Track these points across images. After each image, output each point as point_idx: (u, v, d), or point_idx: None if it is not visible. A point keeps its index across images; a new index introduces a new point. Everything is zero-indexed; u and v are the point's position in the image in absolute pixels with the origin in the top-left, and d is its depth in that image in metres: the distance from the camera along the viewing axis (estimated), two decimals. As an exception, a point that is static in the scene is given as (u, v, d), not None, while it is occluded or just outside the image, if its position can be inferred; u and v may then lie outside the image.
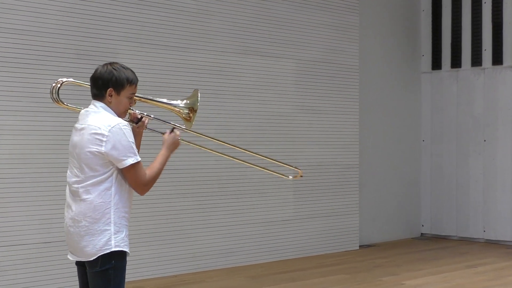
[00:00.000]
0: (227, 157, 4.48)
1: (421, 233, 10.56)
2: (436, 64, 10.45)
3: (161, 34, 7.41)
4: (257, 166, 4.75)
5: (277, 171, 4.79)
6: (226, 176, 7.96)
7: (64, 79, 3.82)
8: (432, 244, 9.86)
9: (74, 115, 3.79)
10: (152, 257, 7.34)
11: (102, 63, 5.16)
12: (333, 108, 9.04)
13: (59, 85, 3.77)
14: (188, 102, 3.92)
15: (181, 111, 3.91)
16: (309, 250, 8.77)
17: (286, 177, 4.72)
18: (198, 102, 3.91)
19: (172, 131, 3.82)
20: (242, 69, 8.11)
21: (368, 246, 9.61)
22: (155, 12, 7.37)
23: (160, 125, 3.99)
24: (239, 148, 4.59)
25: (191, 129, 3.96)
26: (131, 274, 7.03)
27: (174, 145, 3.81)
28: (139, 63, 7.16)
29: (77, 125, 3.66)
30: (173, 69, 7.48)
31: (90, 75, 3.73)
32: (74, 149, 3.62)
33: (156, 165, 3.69)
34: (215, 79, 7.85)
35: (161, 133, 3.83)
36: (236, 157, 4.63)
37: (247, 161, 4.60)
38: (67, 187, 3.67)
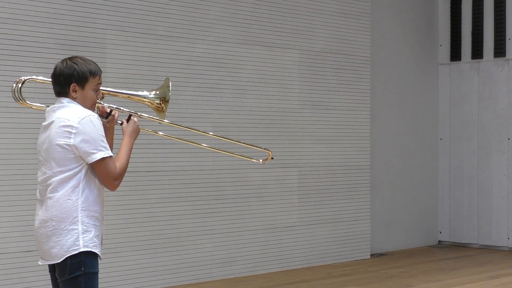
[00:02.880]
0: (191, 143, 4.76)
1: (439, 241, 10.56)
2: (455, 54, 10.44)
3: (152, 23, 7.41)
4: (224, 151, 5.00)
5: (245, 156, 4.97)
6: (224, 179, 7.96)
7: (26, 77, 3.97)
8: (451, 252, 9.87)
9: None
10: (144, 267, 7.34)
11: (88, 54, 5.19)
12: (342, 103, 9.04)
13: (20, 85, 3.92)
14: (158, 92, 4.12)
15: (151, 101, 4.10)
16: (315, 259, 8.77)
17: (256, 161, 4.87)
18: (169, 92, 4.10)
19: (129, 118, 3.98)
20: (242, 60, 8.11)
21: (381, 255, 9.61)
22: (147, -2, 7.38)
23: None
24: (203, 132, 4.87)
25: (162, 120, 4.14)
26: (121, 285, 7.04)
27: (135, 133, 3.95)
28: (129, 54, 7.17)
29: (45, 123, 3.81)
30: (166, 61, 7.47)
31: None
32: (42, 145, 3.78)
33: (123, 156, 3.82)
34: (212, 71, 7.85)
35: (119, 123, 3.97)
36: (198, 142, 4.85)
37: (213, 146, 4.90)
38: (37, 188, 3.81)
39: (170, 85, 4.10)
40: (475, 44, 10.25)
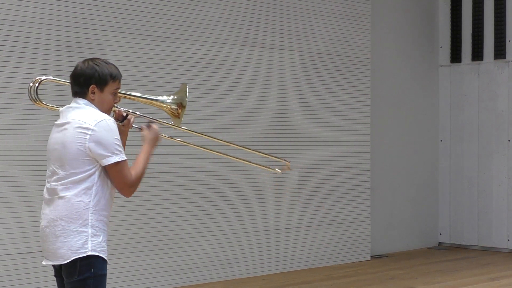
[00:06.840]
0: (209, 151, 4.63)
1: (439, 242, 10.56)
2: (456, 56, 10.45)
3: (152, 24, 7.42)
4: (242, 160, 4.90)
5: (262, 165, 4.89)
6: (225, 180, 7.97)
7: (43, 77, 3.90)
8: (451, 254, 9.87)
9: (57, 113, 3.83)
10: (144, 269, 7.34)
11: (86, 55, 5.20)
12: (342, 105, 9.05)
13: (37, 84, 3.84)
14: (175, 97, 4.04)
15: (169, 107, 4.03)
16: (316, 261, 8.78)
17: (272, 170, 4.81)
18: (186, 97, 4.03)
19: (149, 125, 3.91)
20: (241, 62, 8.11)
21: (381, 256, 9.61)
22: (146, 0, 7.38)
23: (143, 121, 4.02)
24: (223, 141, 4.74)
25: (179, 126, 4.09)
26: (121, 287, 7.05)
27: (155, 140, 3.89)
28: (128, 56, 7.18)
29: (58, 122, 3.74)
30: (165, 62, 7.48)
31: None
32: (54, 145, 3.70)
33: (139, 164, 3.76)
34: (211, 73, 7.85)
35: (138, 128, 3.92)
36: (218, 151, 4.77)
37: (231, 155, 4.75)
38: (45, 186, 3.74)
39: (187, 91, 4.03)
40: (475, 45, 10.25)
